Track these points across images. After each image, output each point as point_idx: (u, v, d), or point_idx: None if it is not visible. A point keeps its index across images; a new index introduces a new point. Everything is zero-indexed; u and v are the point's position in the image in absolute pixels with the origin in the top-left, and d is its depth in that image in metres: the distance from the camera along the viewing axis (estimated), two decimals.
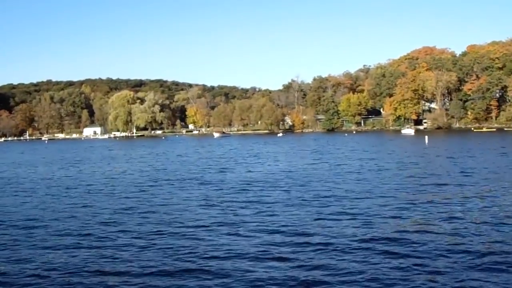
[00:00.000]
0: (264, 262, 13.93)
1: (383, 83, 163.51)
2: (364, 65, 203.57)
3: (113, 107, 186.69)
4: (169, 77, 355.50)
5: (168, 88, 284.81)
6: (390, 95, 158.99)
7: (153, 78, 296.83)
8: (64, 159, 66.09)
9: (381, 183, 29.70)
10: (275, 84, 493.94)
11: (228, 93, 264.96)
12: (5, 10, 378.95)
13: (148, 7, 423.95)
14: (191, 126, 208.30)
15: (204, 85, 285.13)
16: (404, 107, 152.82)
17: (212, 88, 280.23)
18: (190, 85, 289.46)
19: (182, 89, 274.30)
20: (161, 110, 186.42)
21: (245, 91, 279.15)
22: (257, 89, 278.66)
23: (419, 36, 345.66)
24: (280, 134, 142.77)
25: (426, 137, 78.45)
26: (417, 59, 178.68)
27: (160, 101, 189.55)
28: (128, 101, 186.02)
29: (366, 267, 13.10)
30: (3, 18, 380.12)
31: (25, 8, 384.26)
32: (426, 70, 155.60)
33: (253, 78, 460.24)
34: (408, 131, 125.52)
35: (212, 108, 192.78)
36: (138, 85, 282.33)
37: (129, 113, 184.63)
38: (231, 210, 22.23)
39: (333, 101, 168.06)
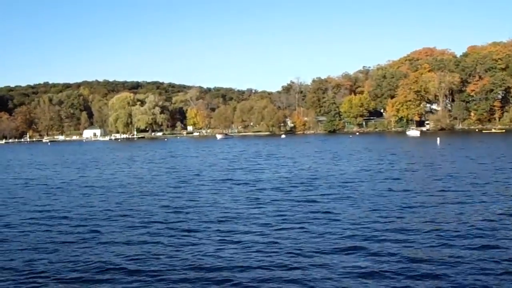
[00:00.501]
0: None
1: (384, 84, 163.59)
2: (364, 67, 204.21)
3: (114, 109, 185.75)
4: (165, 79, 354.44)
5: (165, 90, 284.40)
6: (392, 96, 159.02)
7: (149, 80, 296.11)
8: (77, 160, 65.35)
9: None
10: (270, 85, 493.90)
11: (225, 95, 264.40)
12: (1, 11, 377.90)
13: (145, 9, 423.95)
14: (189, 128, 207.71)
15: (200, 87, 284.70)
16: (407, 108, 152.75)
17: (209, 90, 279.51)
18: (186, 87, 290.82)
19: (179, 91, 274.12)
20: (161, 112, 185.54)
21: (242, 92, 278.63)
22: (253, 91, 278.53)
23: (418, 37, 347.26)
24: (283, 136, 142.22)
25: (438, 138, 77.98)
26: (417, 60, 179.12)
27: (160, 103, 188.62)
28: (128, 103, 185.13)
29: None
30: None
31: (21, 10, 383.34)
32: (429, 71, 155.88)
33: (248, 79, 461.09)
34: (414, 132, 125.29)
35: (212, 109, 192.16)
36: (135, 87, 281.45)
37: (130, 115, 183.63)
38: (286, 207, 22.01)
39: (334, 103, 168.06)
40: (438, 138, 77.77)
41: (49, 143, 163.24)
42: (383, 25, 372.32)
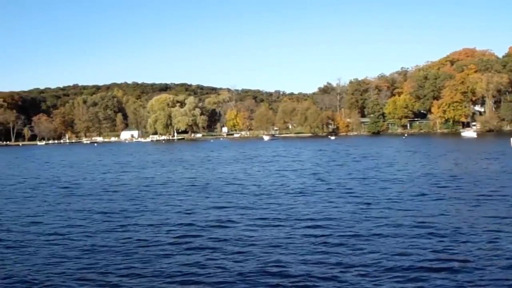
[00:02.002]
0: None
1: (426, 85, 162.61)
2: (402, 68, 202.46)
3: (153, 110, 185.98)
4: (193, 81, 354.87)
5: (194, 91, 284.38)
6: (435, 98, 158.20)
7: (177, 82, 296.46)
8: (149, 161, 65.84)
9: None
10: (298, 87, 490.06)
11: (256, 97, 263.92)
12: (29, 16, 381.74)
13: (171, 12, 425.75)
14: (224, 129, 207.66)
15: (228, 89, 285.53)
16: (453, 110, 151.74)
17: (237, 91, 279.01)
18: (216, 89, 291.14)
19: (207, 93, 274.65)
20: (201, 114, 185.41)
21: (269, 94, 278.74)
22: (281, 92, 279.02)
23: (453, 38, 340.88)
24: (333, 138, 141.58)
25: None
26: (457, 60, 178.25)
27: (200, 104, 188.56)
28: (168, 104, 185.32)
29: None
30: (27, 25, 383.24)
31: (48, 14, 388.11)
32: (475, 72, 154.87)
33: (276, 81, 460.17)
34: (469, 133, 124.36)
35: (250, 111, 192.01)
36: (163, 89, 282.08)
37: (169, 116, 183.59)
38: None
39: (378, 104, 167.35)
40: None
41: (95, 144, 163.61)
42: (418, 27, 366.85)
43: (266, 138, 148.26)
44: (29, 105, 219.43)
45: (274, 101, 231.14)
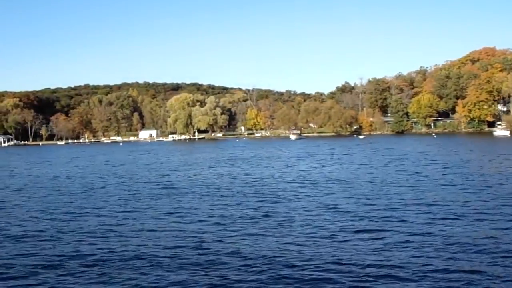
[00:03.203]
0: None
1: (449, 84, 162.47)
2: (421, 67, 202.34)
3: (173, 109, 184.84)
4: (204, 80, 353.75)
5: (205, 91, 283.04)
6: (458, 97, 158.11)
7: (188, 81, 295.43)
8: (218, 158, 66.06)
9: None
10: (310, 87, 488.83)
11: (268, 96, 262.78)
12: (40, 16, 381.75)
13: (182, 10, 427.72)
14: (242, 128, 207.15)
15: (239, 88, 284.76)
16: (479, 109, 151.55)
17: (248, 91, 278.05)
18: (227, 89, 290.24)
19: (218, 92, 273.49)
20: (222, 113, 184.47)
21: (281, 94, 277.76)
22: (292, 92, 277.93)
23: (469, 37, 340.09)
24: (362, 137, 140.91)
25: None
26: (477, 60, 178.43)
27: (220, 104, 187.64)
28: (188, 103, 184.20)
29: None
30: (38, 25, 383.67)
31: (57, 15, 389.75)
32: (500, 71, 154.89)
33: (287, 81, 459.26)
34: (502, 132, 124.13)
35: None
36: (175, 88, 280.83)
37: (189, 116, 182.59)
38: None
39: (401, 103, 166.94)
40: None
41: (121, 144, 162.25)
42: (435, 25, 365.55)
43: (293, 137, 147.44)
44: (44, 104, 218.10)
45: (286, 101, 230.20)
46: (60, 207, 27.12)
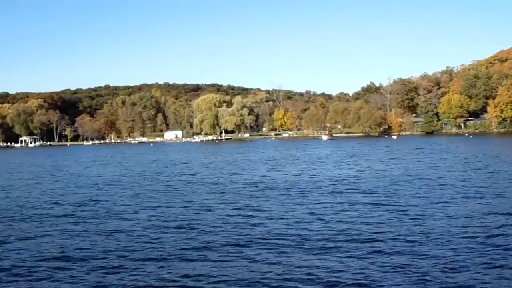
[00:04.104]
0: None
1: (478, 84, 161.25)
2: (447, 67, 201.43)
3: (199, 110, 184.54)
4: (223, 81, 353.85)
5: (225, 92, 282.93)
6: (487, 97, 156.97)
7: (207, 82, 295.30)
8: (284, 157, 65.70)
9: None
10: (329, 88, 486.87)
11: (290, 97, 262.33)
12: (56, 17, 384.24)
13: (203, 11, 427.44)
14: (264, 129, 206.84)
15: (259, 89, 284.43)
16: (511, 109, 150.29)
17: (272, 91, 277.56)
18: (247, 90, 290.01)
19: (238, 93, 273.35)
20: (249, 113, 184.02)
21: (301, 94, 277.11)
22: (311, 93, 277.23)
23: (493, 37, 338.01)
24: (395, 137, 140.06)
25: None
26: (505, 60, 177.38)
27: (247, 104, 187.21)
28: (214, 104, 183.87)
29: None
30: (58, 26, 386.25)
31: (81, 15, 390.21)
32: None
33: (306, 81, 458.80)
34: None
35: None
36: (195, 89, 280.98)
37: (216, 116, 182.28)
38: None
39: (431, 103, 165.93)
40: None
41: (151, 144, 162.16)
42: (460, 26, 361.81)
43: (324, 137, 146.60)
44: (67, 105, 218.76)
45: (306, 101, 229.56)
46: (190, 200, 27.65)
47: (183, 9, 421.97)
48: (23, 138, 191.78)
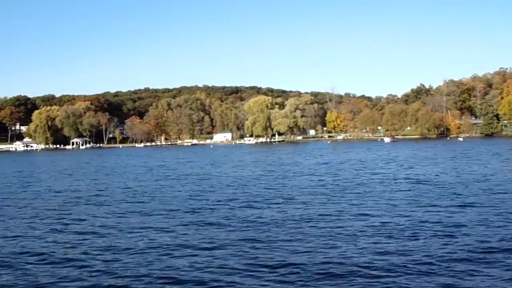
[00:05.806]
0: None
1: None
2: (501, 68, 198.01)
3: (251, 112, 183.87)
4: (262, 83, 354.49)
5: (265, 94, 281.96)
6: None
7: (246, 85, 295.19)
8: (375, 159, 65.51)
9: None
10: (369, 90, 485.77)
11: (331, 100, 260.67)
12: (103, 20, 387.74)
13: (242, 15, 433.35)
14: (312, 132, 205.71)
15: (298, 91, 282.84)
16: None
17: (315, 94, 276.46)
18: (286, 92, 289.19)
19: (278, 96, 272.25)
20: (302, 116, 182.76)
21: (340, 97, 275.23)
22: (351, 95, 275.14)
23: None
24: (460, 139, 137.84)
25: None
26: None
27: (300, 106, 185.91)
28: (267, 106, 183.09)
29: None
30: (96, 29, 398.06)
31: (121, 19, 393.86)
32: None
33: (344, 83, 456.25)
34: None
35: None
36: (234, 91, 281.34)
37: (268, 118, 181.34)
38: None
39: (491, 105, 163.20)
40: None
41: (211, 146, 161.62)
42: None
43: (387, 140, 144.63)
44: (112, 108, 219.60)
45: (341, 103, 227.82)
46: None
47: (218, 13, 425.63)
48: (75, 140, 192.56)
